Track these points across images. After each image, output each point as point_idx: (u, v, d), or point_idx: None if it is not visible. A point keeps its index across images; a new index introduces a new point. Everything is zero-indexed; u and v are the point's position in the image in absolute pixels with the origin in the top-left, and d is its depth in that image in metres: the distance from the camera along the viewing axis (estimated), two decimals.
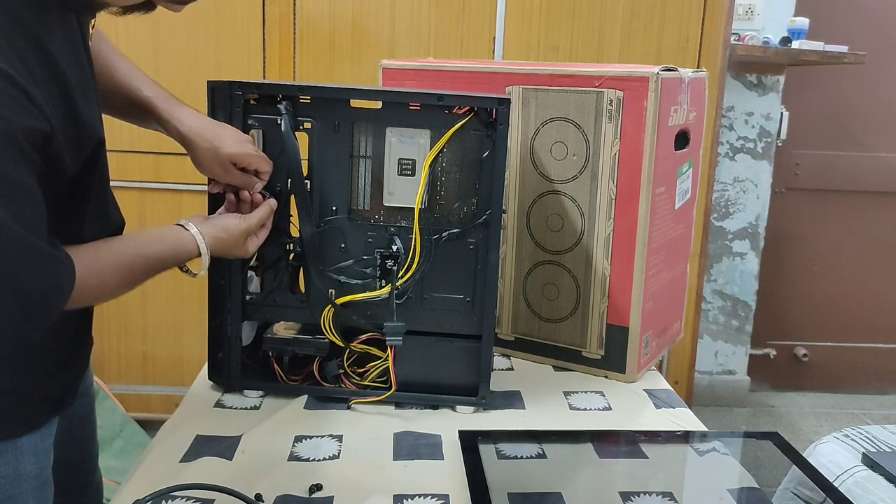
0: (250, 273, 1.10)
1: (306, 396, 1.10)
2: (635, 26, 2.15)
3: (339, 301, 1.07)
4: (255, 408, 1.08)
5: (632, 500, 0.89)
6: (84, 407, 1.09)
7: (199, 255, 0.95)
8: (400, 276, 1.06)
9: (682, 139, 1.24)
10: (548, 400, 1.16)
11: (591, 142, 1.17)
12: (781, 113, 2.78)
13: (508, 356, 1.31)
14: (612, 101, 1.14)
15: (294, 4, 2.11)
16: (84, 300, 0.82)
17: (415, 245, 1.06)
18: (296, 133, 1.04)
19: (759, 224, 2.85)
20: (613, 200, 1.18)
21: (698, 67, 2.16)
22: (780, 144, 2.82)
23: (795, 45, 2.56)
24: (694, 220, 1.36)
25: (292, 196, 1.07)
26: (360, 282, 1.08)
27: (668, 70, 1.14)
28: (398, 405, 1.10)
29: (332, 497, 0.86)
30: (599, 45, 2.16)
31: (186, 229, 0.95)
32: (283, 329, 1.13)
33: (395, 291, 1.06)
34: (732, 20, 2.22)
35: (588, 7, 2.14)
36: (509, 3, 2.13)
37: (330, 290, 1.08)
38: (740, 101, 2.75)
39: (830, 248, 3.06)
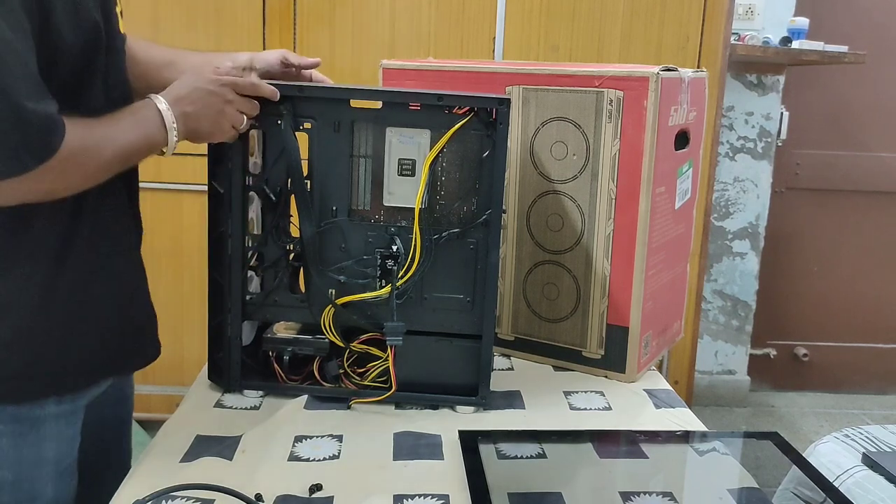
0: (250, 273, 1.10)
1: (306, 396, 1.10)
2: (635, 26, 2.15)
3: (340, 301, 1.07)
4: (255, 408, 1.08)
5: (632, 500, 0.89)
6: (118, 416, 1.12)
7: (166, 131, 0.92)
8: (400, 276, 1.06)
9: (682, 139, 1.24)
10: (548, 400, 1.15)
11: (591, 142, 1.17)
12: (781, 113, 2.78)
13: (508, 356, 1.31)
14: (612, 101, 1.14)
15: (294, 3, 2.11)
16: (74, 167, 0.83)
17: (415, 245, 1.05)
18: (296, 133, 1.04)
19: (759, 224, 2.86)
20: (613, 200, 1.18)
21: (698, 67, 2.16)
22: (780, 144, 2.82)
23: (795, 44, 2.56)
24: (694, 220, 1.36)
25: (292, 196, 1.07)
26: (360, 282, 1.08)
27: (668, 70, 1.14)
28: (398, 405, 1.10)
29: (332, 497, 0.86)
30: (599, 45, 2.16)
31: (157, 105, 0.91)
32: (283, 329, 1.13)
33: (395, 291, 1.06)
34: (732, 20, 2.22)
35: (588, 7, 2.14)
36: (509, 3, 2.13)
37: (330, 290, 1.08)
38: (740, 101, 2.75)
39: (830, 248, 3.06)
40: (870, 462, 1.41)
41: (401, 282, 1.06)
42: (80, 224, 0.92)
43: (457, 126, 1.03)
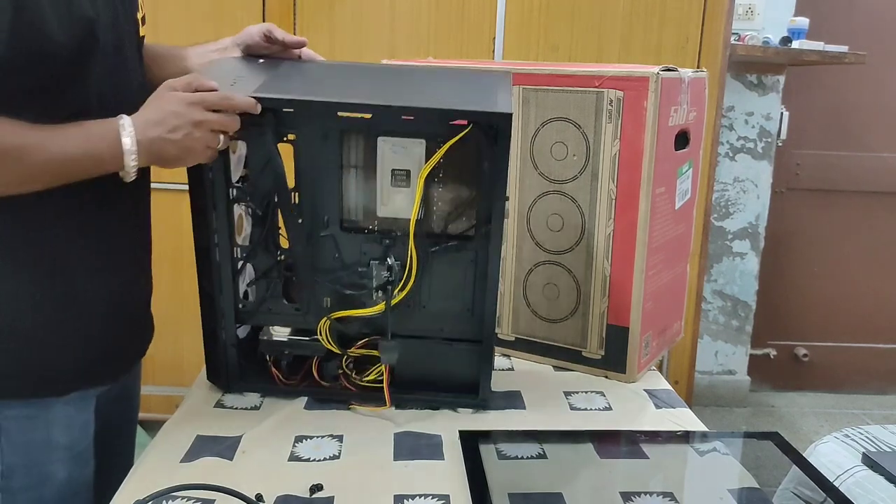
0: (241, 279, 1.07)
1: (306, 396, 1.10)
2: (635, 26, 2.15)
3: (334, 316, 1.04)
4: (256, 408, 1.08)
5: (632, 501, 0.89)
6: (123, 416, 1.12)
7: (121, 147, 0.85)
8: (395, 292, 1.02)
9: (682, 139, 1.23)
10: (548, 400, 1.15)
11: (592, 142, 1.17)
12: (781, 113, 2.78)
13: (508, 356, 1.31)
14: (612, 101, 1.14)
15: (294, 3, 2.11)
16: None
17: (411, 260, 1.01)
18: (282, 142, 0.98)
19: (759, 224, 2.86)
20: (613, 200, 1.18)
21: (698, 67, 2.16)
22: (780, 144, 2.82)
23: (795, 44, 2.56)
24: (694, 220, 1.36)
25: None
26: (356, 293, 1.05)
27: (668, 70, 1.14)
28: (398, 405, 1.10)
29: (333, 497, 0.86)
30: (599, 45, 2.16)
31: (118, 127, 0.86)
32: (279, 328, 1.12)
33: (391, 307, 1.02)
34: (732, 20, 2.22)
35: (588, 7, 2.14)
36: (509, 3, 2.13)
37: (325, 298, 1.06)
38: (740, 101, 2.75)
39: (830, 248, 3.06)
40: (870, 462, 1.41)
41: (395, 299, 1.02)
42: (77, 231, 0.91)
43: (454, 139, 0.96)
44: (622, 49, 2.16)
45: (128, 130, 0.85)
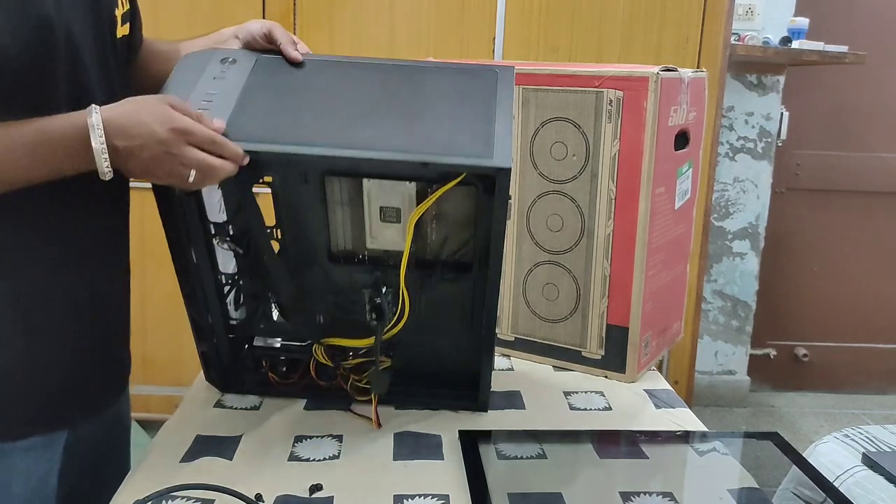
0: (229, 299, 1.06)
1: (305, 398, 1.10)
2: (635, 26, 2.15)
3: (327, 342, 1.04)
4: (255, 408, 1.08)
5: (632, 500, 0.89)
6: (110, 441, 1.06)
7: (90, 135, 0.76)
8: (387, 328, 0.98)
9: (681, 139, 1.23)
10: (548, 400, 1.15)
11: (591, 142, 1.17)
12: (781, 113, 2.79)
13: (508, 356, 1.31)
14: (611, 101, 1.14)
15: (294, 4, 2.11)
16: None
17: (403, 296, 0.96)
18: (258, 183, 0.92)
19: (759, 224, 2.86)
20: (613, 200, 1.18)
21: (698, 67, 2.16)
22: (780, 144, 2.82)
23: (795, 45, 2.56)
24: (694, 220, 1.36)
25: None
26: (348, 318, 1.03)
27: (668, 70, 1.14)
28: (398, 405, 1.10)
29: (332, 497, 0.86)
30: (599, 46, 2.16)
31: (87, 123, 0.77)
32: None
33: (381, 340, 0.98)
34: (732, 20, 2.22)
35: (588, 7, 2.14)
36: (509, 3, 2.13)
37: (318, 316, 1.05)
38: (740, 101, 2.75)
39: (830, 248, 3.06)
40: (870, 462, 1.41)
41: (388, 335, 0.98)
42: (39, 256, 0.85)
43: (445, 188, 0.88)
44: (622, 49, 2.16)
45: (97, 132, 0.77)
